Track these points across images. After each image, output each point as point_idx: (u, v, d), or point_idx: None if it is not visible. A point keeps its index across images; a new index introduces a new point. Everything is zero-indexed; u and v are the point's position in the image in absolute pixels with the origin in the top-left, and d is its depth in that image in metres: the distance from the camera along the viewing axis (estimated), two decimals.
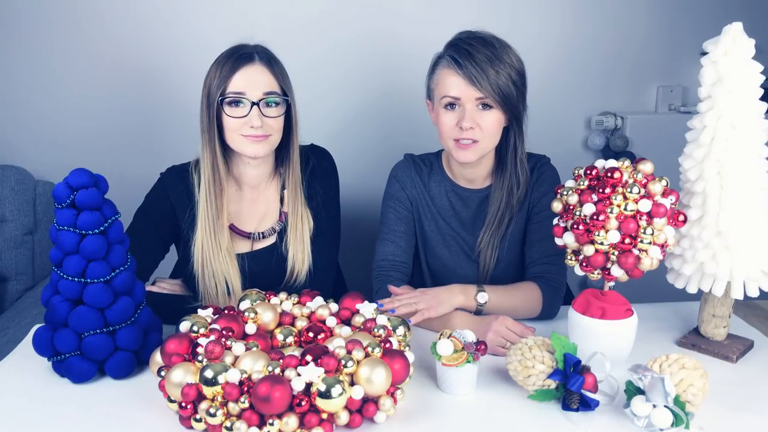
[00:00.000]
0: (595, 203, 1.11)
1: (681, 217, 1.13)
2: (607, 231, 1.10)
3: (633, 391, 1.03)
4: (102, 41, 2.12)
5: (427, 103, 1.49)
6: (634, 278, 1.15)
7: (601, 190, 1.11)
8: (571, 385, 1.03)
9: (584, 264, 1.15)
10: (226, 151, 1.42)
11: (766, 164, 1.18)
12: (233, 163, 1.45)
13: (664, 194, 1.11)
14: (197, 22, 2.13)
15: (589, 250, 1.13)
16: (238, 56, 1.36)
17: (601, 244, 1.11)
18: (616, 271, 1.13)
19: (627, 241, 1.10)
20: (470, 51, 1.34)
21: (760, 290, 1.23)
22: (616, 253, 1.12)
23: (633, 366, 1.02)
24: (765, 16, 2.34)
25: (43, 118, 2.16)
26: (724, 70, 1.15)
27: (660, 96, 2.39)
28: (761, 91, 1.16)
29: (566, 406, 1.06)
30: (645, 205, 1.08)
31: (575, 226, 1.13)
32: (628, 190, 1.09)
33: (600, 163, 1.14)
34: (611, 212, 1.09)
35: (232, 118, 1.35)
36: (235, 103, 1.35)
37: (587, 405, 1.05)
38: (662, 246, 1.12)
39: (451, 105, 1.38)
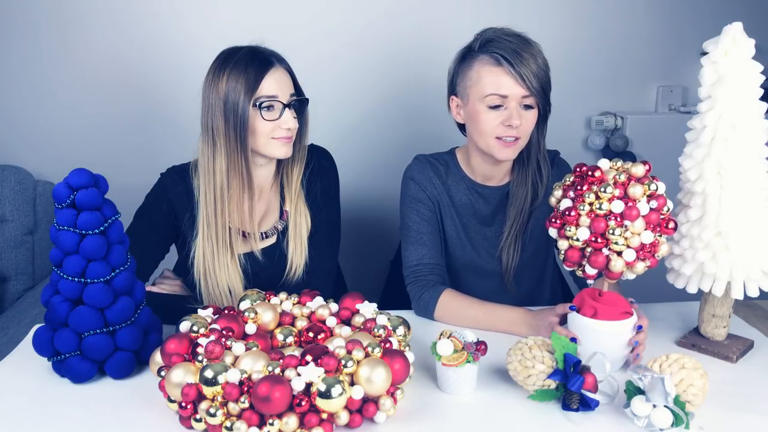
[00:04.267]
0: (573, 200, 1.13)
1: (671, 225, 1.12)
2: (578, 227, 1.11)
3: (633, 391, 1.03)
4: (101, 42, 2.12)
5: (452, 100, 1.47)
6: (611, 278, 1.15)
7: (579, 188, 1.12)
8: (571, 385, 1.03)
9: (564, 258, 1.16)
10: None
11: (766, 164, 1.18)
12: None
13: (650, 199, 1.10)
14: (196, 22, 2.14)
15: (563, 244, 1.14)
16: (260, 61, 1.34)
17: (576, 240, 1.12)
18: (590, 270, 1.13)
19: (599, 240, 1.10)
20: (516, 49, 1.33)
21: (760, 290, 1.23)
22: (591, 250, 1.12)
23: (633, 366, 1.03)
24: (765, 16, 2.34)
25: (43, 118, 2.16)
26: (724, 70, 1.15)
27: (660, 96, 2.39)
28: (761, 91, 1.16)
29: (566, 406, 1.06)
30: (617, 206, 1.09)
31: (553, 220, 1.15)
32: (602, 189, 1.09)
33: (603, 163, 1.14)
34: (582, 209, 1.10)
35: (266, 122, 1.34)
36: (270, 107, 1.34)
37: (587, 405, 1.05)
38: (643, 251, 1.11)
39: (496, 104, 1.36)
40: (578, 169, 1.14)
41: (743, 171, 1.16)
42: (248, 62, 1.34)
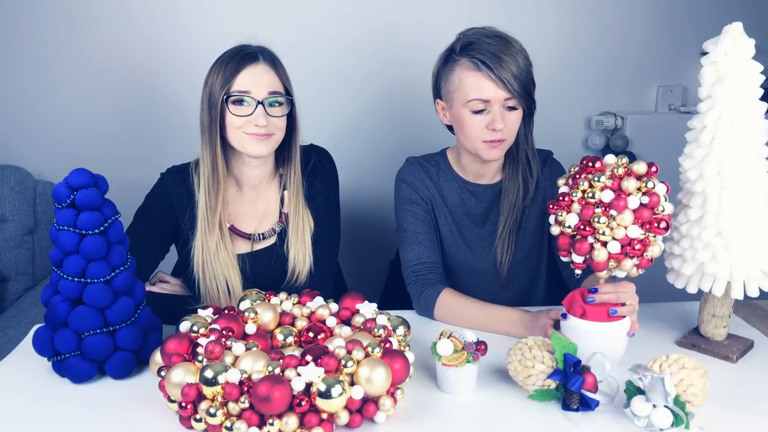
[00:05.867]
0: (569, 187, 1.14)
1: (662, 225, 1.11)
2: (569, 213, 1.12)
3: (633, 391, 1.03)
4: (101, 41, 2.12)
5: (437, 103, 1.48)
6: (597, 269, 1.15)
7: (577, 176, 1.13)
8: (571, 385, 1.03)
9: (558, 248, 1.18)
10: (227, 150, 1.42)
11: (766, 164, 1.18)
12: (233, 163, 1.45)
13: (645, 195, 1.10)
14: (197, 22, 2.13)
15: (554, 230, 1.16)
16: (243, 56, 1.36)
17: (568, 227, 1.13)
18: (576, 258, 1.14)
19: (587, 228, 1.11)
20: (495, 52, 1.33)
21: (760, 290, 1.23)
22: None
23: (633, 366, 1.02)
24: (765, 16, 2.34)
25: (43, 118, 2.16)
26: (724, 70, 1.15)
27: (660, 96, 2.39)
28: (761, 91, 1.16)
29: (566, 406, 1.06)
30: (606, 196, 1.09)
31: (551, 206, 1.16)
32: (596, 178, 1.10)
33: (609, 158, 1.14)
34: (574, 195, 1.11)
35: (236, 117, 1.35)
36: (240, 101, 1.35)
37: (587, 405, 1.05)
38: (631, 246, 1.10)
39: (479, 108, 1.37)
40: (583, 161, 1.15)
41: (743, 171, 1.16)
42: (231, 58, 1.36)
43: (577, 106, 2.37)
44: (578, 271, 1.18)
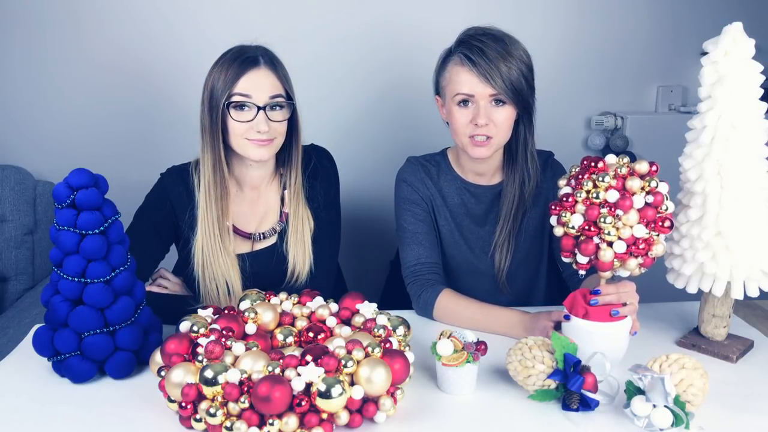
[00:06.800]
0: (573, 187, 1.14)
1: (666, 223, 1.11)
2: (573, 214, 1.12)
3: (633, 391, 1.03)
4: (102, 42, 2.12)
5: (437, 99, 1.50)
6: (602, 269, 1.14)
7: (580, 176, 1.13)
8: (571, 385, 1.03)
9: (561, 249, 1.17)
10: (228, 152, 1.41)
11: (766, 164, 1.18)
12: (234, 165, 1.45)
13: (648, 194, 1.10)
14: (197, 22, 2.13)
15: (558, 231, 1.16)
16: (243, 60, 1.35)
17: (572, 228, 1.12)
18: (581, 258, 1.14)
19: (592, 229, 1.10)
20: (482, 48, 1.34)
21: (760, 290, 1.23)
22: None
23: (633, 366, 1.02)
24: (765, 16, 2.34)
25: (43, 118, 2.16)
26: (724, 70, 1.15)
27: (660, 96, 2.39)
28: (761, 91, 1.16)
29: (566, 406, 1.06)
30: (612, 195, 1.09)
31: (553, 207, 1.16)
32: (600, 178, 1.09)
33: (610, 158, 1.14)
34: (579, 196, 1.11)
35: (238, 123, 1.34)
36: (241, 107, 1.34)
37: (587, 405, 1.05)
38: (636, 246, 1.10)
39: (464, 102, 1.38)
40: (585, 161, 1.15)
41: (743, 171, 1.16)
42: (232, 61, 1.35)
43: (577, 106, 2.37)
44: (582, 272, 1.18)
